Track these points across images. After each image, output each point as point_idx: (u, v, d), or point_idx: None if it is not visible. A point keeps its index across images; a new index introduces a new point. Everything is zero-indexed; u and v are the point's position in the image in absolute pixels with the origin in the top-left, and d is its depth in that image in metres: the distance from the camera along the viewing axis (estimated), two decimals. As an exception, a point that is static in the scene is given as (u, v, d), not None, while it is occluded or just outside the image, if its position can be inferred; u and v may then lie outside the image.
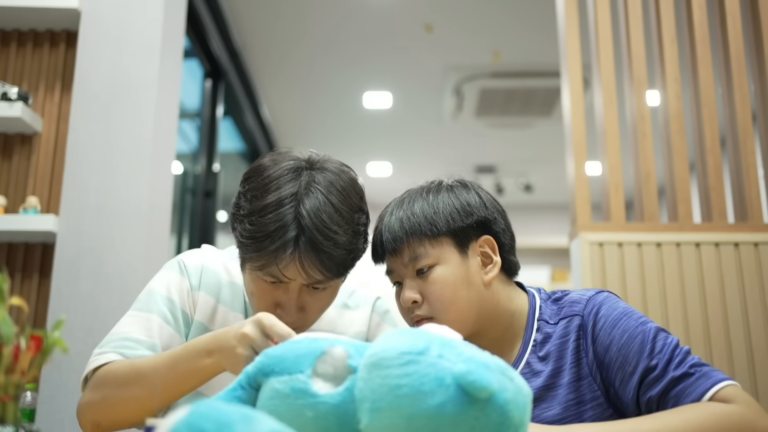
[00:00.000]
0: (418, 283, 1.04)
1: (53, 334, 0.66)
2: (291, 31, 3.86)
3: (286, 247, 0.97)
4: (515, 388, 0.61)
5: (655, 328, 0.97)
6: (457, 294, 1.02)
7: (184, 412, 0.51)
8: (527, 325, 1.06)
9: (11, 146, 2.03)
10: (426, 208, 1.05)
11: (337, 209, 1.01)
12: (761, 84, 2.32)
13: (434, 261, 1.03)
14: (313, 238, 0.97)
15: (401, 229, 1.05)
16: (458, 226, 1.04)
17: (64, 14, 2.04)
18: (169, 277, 1.13)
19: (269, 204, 0.99)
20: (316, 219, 0.98)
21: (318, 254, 0.98)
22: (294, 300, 1.03)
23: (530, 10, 3.60)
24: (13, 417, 0.64)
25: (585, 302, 1.03)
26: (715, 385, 0.89)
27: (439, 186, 1.10)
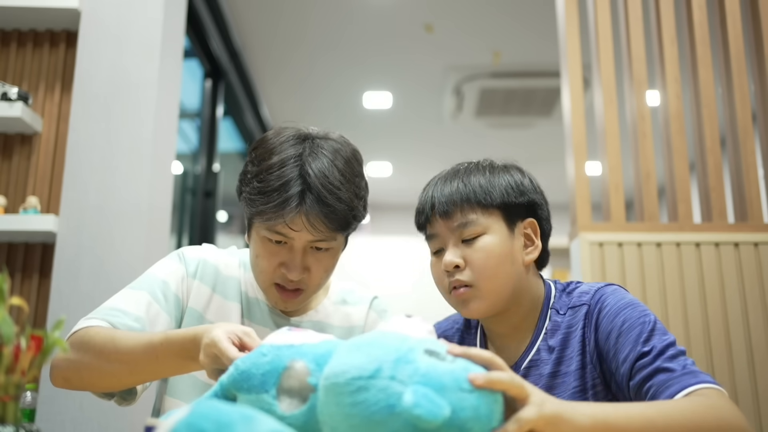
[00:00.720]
0: (462, 249, 1.05)
1: (53, 334, 0.66)
2: (291, 31, 3.86)
3: (292, 200, 1.03)
4: (475, 401, 0.61)
5: (656, 322, 0.98)
6: (500, 266, 1.03)
7: (184, 412, 0.51)
8: (541, 314, 1.08)
9: (11, 146, 2.03)
10: (482, 180, 1.08)
11: (340, 171, 1.08)
12: (761, 84, 2.32)
13: (483, 230, 1.05)
14: (318, 191, 1.04)
15: (456, 193, 1.07)
16: (511, 201, 1.06)
17: (64, 14, 2.04)
18: (165, 264, 1.17)
19: (275, 163, 1.06)
20: (320, 175, 1.05)
21: (322, 207, 1.04)
22: (298, 259, 1.08)
23: (530, 11, 3.60)
24: (13, 417, 0.64)
25: (593, 293, 1.05)
26: (699, 384, 0.88)
27: (493, 164, 1.12)
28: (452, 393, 0.61)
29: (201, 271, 1.18)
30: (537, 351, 1.05)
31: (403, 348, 0.65)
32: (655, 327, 0.97)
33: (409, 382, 0.61)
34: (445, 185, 1.09)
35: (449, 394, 0.61)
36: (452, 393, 0.61)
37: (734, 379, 2.00)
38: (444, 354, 0.67)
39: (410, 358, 0.63)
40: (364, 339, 0.68)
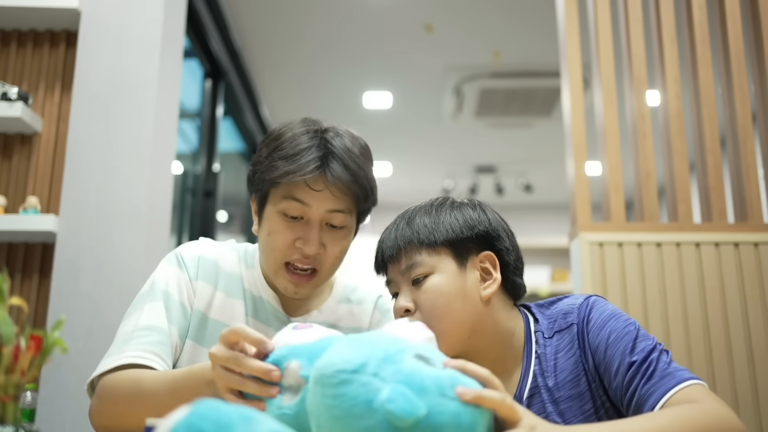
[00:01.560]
0: (412, 292, 1.03)
1: (53, 334, 0.66)
2: (291, 31, 3.86)
3: (315, 160, 1.06)
4: (456, 409, 0.61)
5: (639, 329, 0.98)
6: (450, 305, 1.00)
7: (184, 413, 0.52)
8: (526, 343, 1.05)
9: (11, 146, 2.03)
10: (427, 219, 1.05)
11: (356, 147, 1.12)
12: (761, 84, 2.32)
13: (429, 270, 1.02)
14: (339, 155, 1.07)
15: (400, 236, 1.05)
16: (458, 237, 1.03)
17: (64, 14, 2.04)
18: (167, 271, 1.15)
19: (296, 134, 1.10)
20: (339, 143, 1.09)
21: (344, 168, 1.07)
22: (316, 232, 1.08)
23: (530, 11, 3.60)
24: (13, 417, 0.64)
25: (576, 311, 1.03)
26: (678, 385, 0.89)
27: (444, 201, 1.09)
28: (432, 396, 0.61)
29: (201, 270, 1.16)
30: (534, 379, 1.02)
31: (392, 348, 0.65)
32: (638, 335, 0.97)
33: (391, 380, 0.61)
34: (393, 228, 1.08)
35: (429, 396, 0.61)
36: (432, 396, 0.61)
37: (734, 379, 2.00)
38: (435, 361, 0.67)
39: (397, 358, 0.64)
40: (361, 336, 0.69)
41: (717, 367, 2.01)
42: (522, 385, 1.03)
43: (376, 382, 0.61)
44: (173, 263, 1.16)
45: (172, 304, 1.11)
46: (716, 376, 2.00)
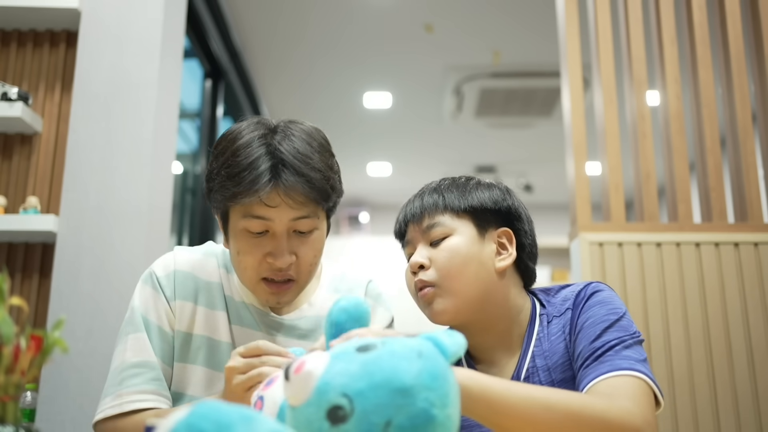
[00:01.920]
0: (429, 251, 1.06)
1: (53, 334, 0.66)
2: (291, 31, 3.86)
3: (263, 174, 0.99)
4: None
5: (620, 318, 0.98)
6: (466, 266, 1.03)
7: (184, 413, 0.52)
8: (529, 325, 1.07)
9: (11, 146, 2.03)
10: (456, 189, 1.09)
11: (310, 144, 1.05)
12: (761, 84, 2.32)
13: (449, 232, 1.05)
14: (290, 162, 1.00)
15: (426, 199, 1.09)
16: (482, 207, 1.07)
17: (64, 14, 2.04)
18: (144, 294, 1.13)
19: (239, 146, 1.02)
20: (289, 147, 1.02)
21: (297, 176, 1.00)
22: (284, 244, 1.03)
23: (530, 11, 3.60)
24: (13, 417, 0.63)
25: (573, 297, 1.05)
26: (608, 373, 0.90)
27: (471, 178, 1.13)
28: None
29: (179, 287, 1.12)
30: (532, 359, 1.04)
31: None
32: (613, 324, 0.97)
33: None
34: (418, 197, 1.11)
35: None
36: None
37: (734, 379, 2.00)
38: (374, 342, 0.68)
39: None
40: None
41: (717, 367, 2.01)
42: (521, 364, 1.05)
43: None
44: (149, 285, 1.13)
45: (152, 333, 1.09)
46: (716, 376, 2.00)
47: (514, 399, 0.79)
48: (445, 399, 0.61)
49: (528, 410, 0.80)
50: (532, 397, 0.81)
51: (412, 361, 0.62)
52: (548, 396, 0.82)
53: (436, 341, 0.66)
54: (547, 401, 0.81)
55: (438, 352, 0.65)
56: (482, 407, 0.78)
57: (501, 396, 0.79)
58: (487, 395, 0.78)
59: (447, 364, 0.65)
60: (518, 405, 0.79)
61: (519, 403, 0.79)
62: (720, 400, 1.98)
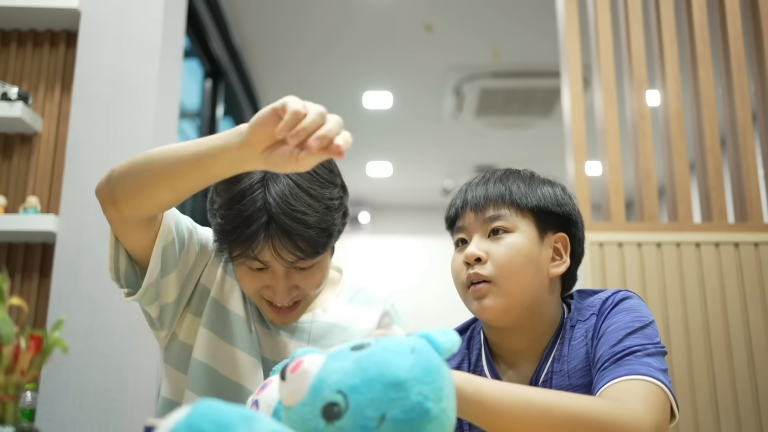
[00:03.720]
0: (487, 244, 1.01)
1: (53, 334, 0.66)
2: (291, 31, 3.86)
3: (256, 235, 0.98)
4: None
5: (646, 326, 0.95)
6: (525, 267, 0.99)
7: (184, 413, 0.52)
8: (556, 331, 1.05)
9: (11, 146, 2.03)
10: (521, 182, 1.05)
11: (304, 189, 1.00)
12: (761, 84, 2.32)
13: (513, 227, 1.01)
14: (281, 223, 0.97)
15: (492, 189, 1.04)
16: (547, 209, 1.03)
17: (64, 14, 2.04)
18: (205, 230, 1.14)
19: (236, 194, 1.00)
20: (282, 203, 0.98)
21: (289, 237, 0.98)
22: (282, 282, 1.03)
23: (530, 11, 3.60)
24: (13, 417, 0.64)
25: (599, 304, 1.02)
26: (624, 376, 0.88)
27: (535, 173, 1.09)
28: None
29: (213, 248, 1.12)
30: (551, 364, 1.02)
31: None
32: (638, 330, 0.94)
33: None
34: (482, 184, 1.06)
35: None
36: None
37: (734, 379, 2.00)
38: (368, 341, 0.68)
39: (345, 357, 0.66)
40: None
41: (717, 367, 2.01)
42: (540, 368, 1.03)
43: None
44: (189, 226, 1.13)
45: (192, 238, 1.10)
46: (716, 376, 2.00)
47: (509, 401, 0.78)
48: (440, 393, 0.61)
49: (524, 413, 0.78)
50: (529, 400, 0.79)
51: (405, 356, 0.62)
52: (547, 399, 0.80)
53: (430, 338, 0.66)
54: (545, 404, 0.79)
55: (431, 348, 0.65)
56: (477, 410, 0.77)
57: (495, 399, 0.77)
58: (481, 397, 0.77)
59: (441, 360, 0.65)
60: (514, 408, 0.78)
61: (515, 406, 0.78)
62: (720, 400, 1.98)
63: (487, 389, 0.78)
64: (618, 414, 0.80)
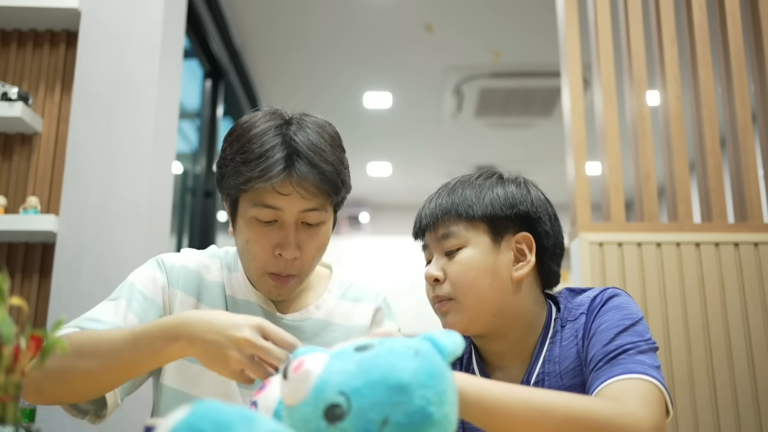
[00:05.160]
0: (444, 262, 1.04)
1: (53, 334, 0.66)
2: (291, 31, 3.86)
3: (278, 162, 1.01)
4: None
5: (636, 323, 0.95)
6: (478, 280, 1.00)
7: (184, 413, 0.52)
8: (543, 330, 1.05)
9: (11, 146, 2.03)
10: (469, 191, 1.05)
11: (323, 137, 1.06)
12: (761, 84, 2.32)
13: (463, 243, 1.02)
14: (305, 153, 1.02)
15: (440, 205, 1.05)
16: (497, 214, 1.03)
17: (64, 14, 2.04)
18: (145, 272, 1.13)
19: (255, 134, 1.03)
20: (304, 139, 1.03)
21: (310, 167, 1.02)
22: (292, 236, 1.04)
23: (530, 11, 3.60)
24: (13, 417, 0.63)
25: (588, 303, 1.02)
26: (620, 375, 0.88)
27: (491, 175, 1.09)
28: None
29: (183, 280, 1.12)
30: (542, 365, 1.02)
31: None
32: (627, 329, 0.94)
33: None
34: (434, 198, 1.08)
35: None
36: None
37: (734, 379, 2.00)
38: (372, 341, 0.68)
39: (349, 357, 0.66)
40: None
41: (717, 367, 2.01)
42: (531, 369, 1.03)
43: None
44: (153, 266, 1.13)
45: (134, 298, 1.08)
46: (716, 376, 2.00)
47: (510, 403, 0.78)
48: (443, 397, 0.61)
49: (526, 415, 0.78)
50: (530, 401, 0.79)
51: (409, 359, 0.62)
52: (548, 400, 0.80)
53: (434, 341, 0.66)
54: (546, 405, 0.79)
55: (435, 351, 0.65)
56: (478, 411, 0.77)
57: (497, 400, 0.77)
58: (482, 399, 0.77)
59: (444, 363, 0.65)
60: (515, 409, 0.78)
61: (516, 407, 0.78)
62: (720, 400, 1.98)
63: (488, 391, 0.78)
64: (617, 414, 0.81)
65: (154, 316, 1.08)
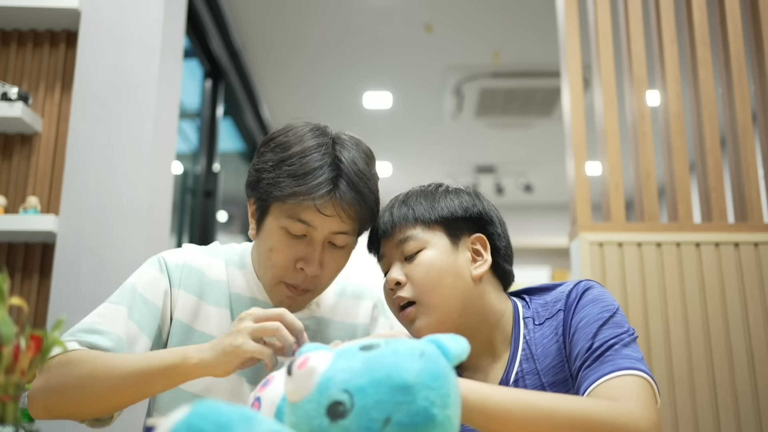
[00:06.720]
0: (405, 266, 1.05)
1: (53, 334, 0.66)
2: (291, 31, 3.86)
3: (325, 183, 1.02)
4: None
5: (614, 314, 0.97)
6: (442, 279, 1.02)
7: (184, 413, 0.52)
8: (514, 328, 1.06)
9: (11, 146, 2.03)
10: (423, 199, 1.08)
11: (368, 164, 1.09)
12: (761, 84, 2.32)
13: (422, 245, 1.04)
14: (350, 177, 1.04)
15: (396, 212, 1.08)
16: (452, 216, 1.06)
17: (64, 14, 2.04)
18: (147, 274, 1.12)
19: (304, 149, 1.04)
20: (351, 163, 1.05)
21: (354, 194, 1.04)
22: (317, 252, 1.05)
23: (530, 11, 3.60)
24: (13, 417, 0.64)
25: (564, 298, 1.04)
26: (611, 373, 0.89)
27: (440, 185, 1.13)
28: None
29: (185, 278, 1.12)
30: (520, 363, 1.03)
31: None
32: (608, 321, 0.96)
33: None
34: (387, 208, 1.10)
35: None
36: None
37: (734, 379, 2.00)
38: (378, 341, 0.68)
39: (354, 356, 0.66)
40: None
41: (717, 367, 2.01)
42: (509, 369, 1.04)
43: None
44: (154, 266, 1.13)
45: (135, 303, 1.08)
46: (716, 376, 2.00)
47: (513, 409, 0.78)
48: (446, 399, 0.61)
49: (528, 418, 0.79)
50: (533, 406, 0.80)
51: (414, 360, 0.62)
52: (549, 403, 0.81)
53: (440, 343, 0.66)
54: (548, 409, 0.80)
55: (440, 354, 0.65)
56: (482, 418, 0.77)
57: (500, 406, 0.78)
58: (486, 406, 0.77)
59: (449, 366, 0.65)
60: (518, 415, 0.78)
61: (519, 413, 0.78)
62: (720, 400, 1.98)
63: (492, 397, 0.78)
64: (615, 414, 0.82)
65: (154, 322, 1.08)
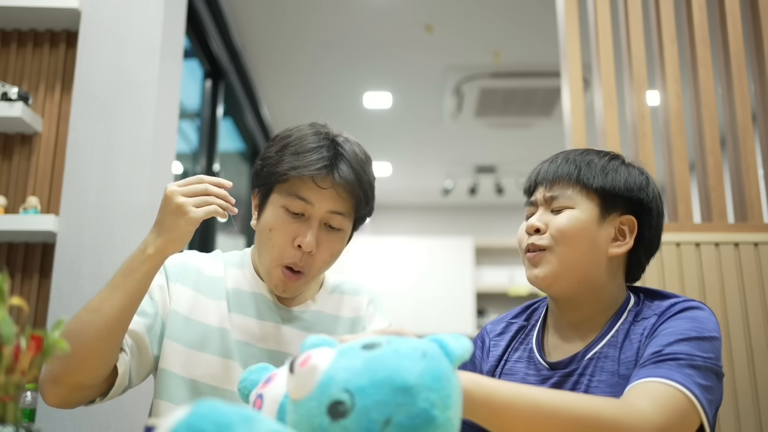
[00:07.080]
0: (549, 217, 1.06)
1: (53, 334, 0.66)
2: (291, 31, 3.86)
3: (324, 159, 1.10)
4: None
5: (705, 338, 0.93)
6: (578, 239, 1.03)
7: (184, 413, 0.52)
8: (616, 314, 1.06)
9: (11, 146, 2.03)
10: (597, 163, 1.08)
11: (364, 154, 1.17)
12: (761, 84, 2.32)
13: (573, 204, 1.05)
14: (349, 158, 1.12)
15: (562, 166, 1.08)
16: (613, 191, 1.05)
17: (64, 14, 2.04)
18: None
19: (307, 134, 1.14)
20: (350, 149, 1.14)
21: (351, 171, 1.11)
22: (314, 232, 1.11)
23: (530, 11, 3.60)
24: (13, 417, 0.64)
25: (666, 307, 1.02)
26: (651, 377, 0.88)
27: (617, 156, 1.12)
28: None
29: (181, 274, 1.19)
30: (605, 345, 1.02)
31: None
32: (693, 339, 0.92)
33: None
34: (552, 161, 1.11)
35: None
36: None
37: (734, 379, 2.00)
38: (380, 340, 0.68)
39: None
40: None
41: (717, 367, 2.01)
42: (592, 345, 1.04)
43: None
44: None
45: (145, 300, 1.15)
46: (716, 376, 2.00)
47: (517, 405, 0.78)
48: (447, 401, 0.61)
49: (532, 416, 0.78)
50: (537, 403, 0.79)
51: (415, 360, 0.62)
52: (554, 401, 0.80)
53: (442, 343, 0.66)
54: (552, 407, 0.79)
55: (443, 354, 0.65)
56: (486, 413, 0.77)
57: (504, 402, 0.77)
58: (491, 401, 0.77)
59: (451, 367, 0.64)
60: (522, 411, 0.78)
61: (523, 409, 0.78)
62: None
63: (496, 392, 0.78)
64: (624, 414, 0.80)
65: (151, 311, 1.14)
